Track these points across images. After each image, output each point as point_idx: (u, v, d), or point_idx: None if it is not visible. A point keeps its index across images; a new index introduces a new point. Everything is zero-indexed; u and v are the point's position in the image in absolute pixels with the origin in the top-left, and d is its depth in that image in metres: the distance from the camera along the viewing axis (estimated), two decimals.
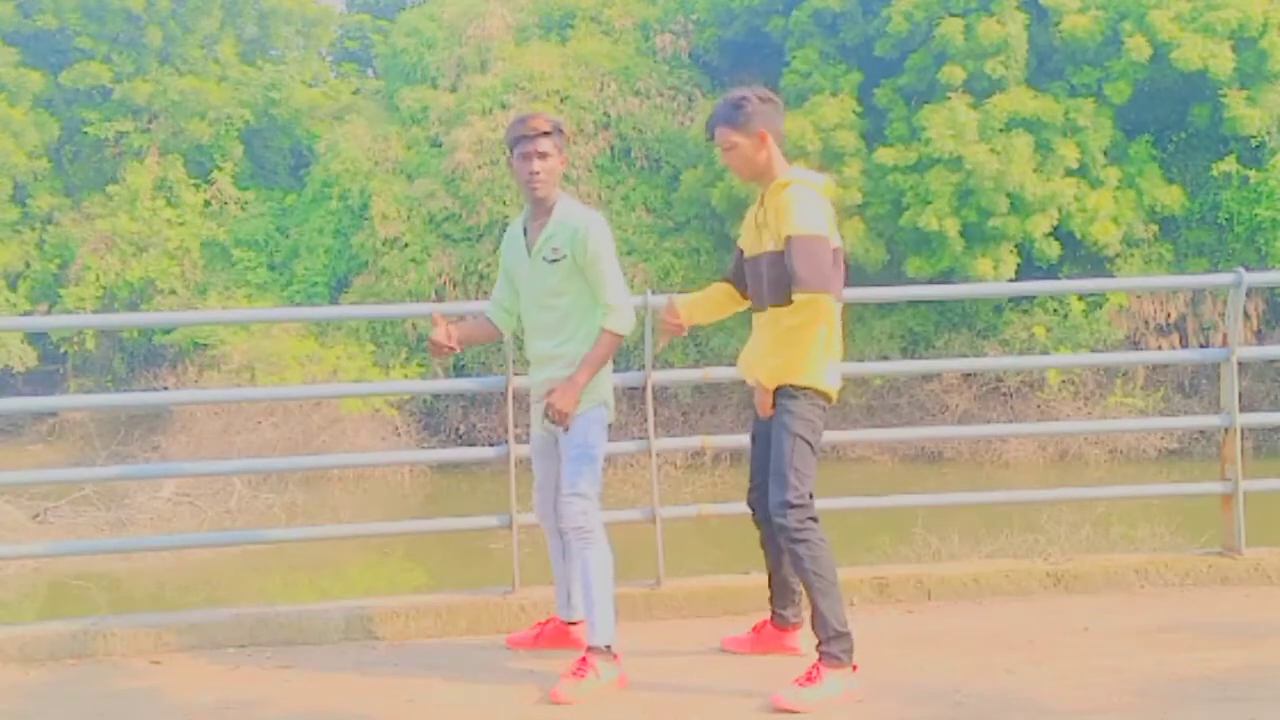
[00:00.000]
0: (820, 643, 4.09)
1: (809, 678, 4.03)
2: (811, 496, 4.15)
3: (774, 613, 4.56)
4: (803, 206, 4.10)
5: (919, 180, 18.50)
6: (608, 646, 4.23)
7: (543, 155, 4.34)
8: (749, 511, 4.56)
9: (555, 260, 4.33)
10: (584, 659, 4.20)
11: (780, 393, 4.22)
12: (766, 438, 4.33)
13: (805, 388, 4.18)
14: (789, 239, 4.07)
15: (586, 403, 4.37)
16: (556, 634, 4.69)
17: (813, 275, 4.00)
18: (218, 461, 10.13)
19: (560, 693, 4.11)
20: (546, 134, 4.36)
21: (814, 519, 4.13)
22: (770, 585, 4.55)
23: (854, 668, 4.10)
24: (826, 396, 4.23)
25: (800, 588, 4.46)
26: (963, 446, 18.16)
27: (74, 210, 26.22)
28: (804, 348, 4.13)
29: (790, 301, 4.08)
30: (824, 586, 4.09)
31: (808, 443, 4.17)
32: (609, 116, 21.83)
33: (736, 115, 4.19)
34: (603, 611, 4.24)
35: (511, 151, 4.42)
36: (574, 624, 4.62)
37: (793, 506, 4.10)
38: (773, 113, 4.24)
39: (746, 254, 4.33)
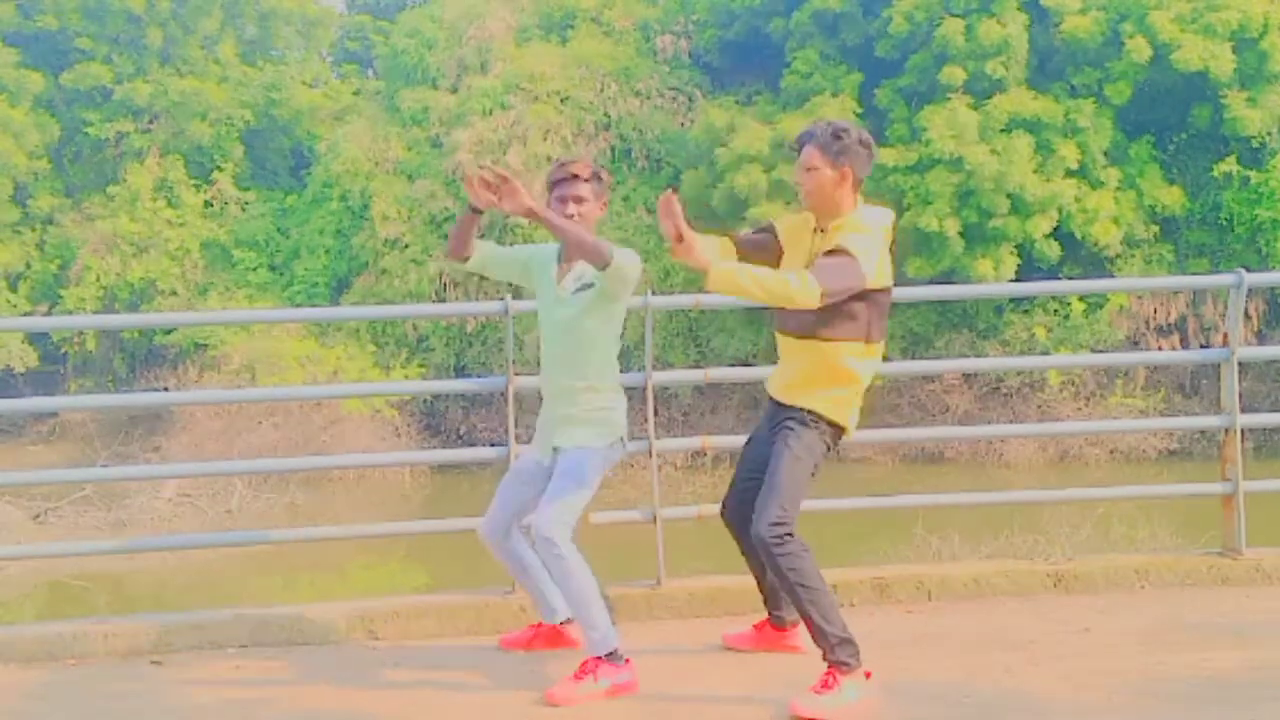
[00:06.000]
0: (826, 652, 4.05)
1: (825, 684, 3.98)
2: (794, 518, 4.12)
3: (770, 614, 4.55)
4: (866, 244, 4.02)
5: (919, 181, 18.50)
6: (610, 653, 4.21)
7: (579, 200, 4.37)
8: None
9: (582, 289, 4.34)
10: (585, 664, 4.19)
11: (796, 414, 4.21)
12: (760, 448, 4.31)
13: (824, 417, 4.20)
14: (838, 247, 3.99)
15: (605, 437, 4.35)
16: (551, 635, 4.69)
17: (830, 282, 3.90)
18: (219, 462, 10.12)
19: (558, 694, 4.11)
20: (586, 180, 4.39)
21: (790, 534, 4.07)
22: (761, 589, 4.53)
23: (867, 674, 4.07)
24: (840, 430, 4.25)
25: None
26: (963, 447, 18.14)
27: (74, 211, 26.23)
28: (839, 388, 4.16)
29: (816, 338, 4.10)
30: (812, 596, 4.03)
31: (807, 467, 4.17)
32: (609, 117, 21.83)
33: (832, 143, 4.11)
34: (596, 622, 4.21)
35: (550, 192, 4.45)
36: (564, 624, 4.62)
37: (773, 524, 4.07)
38: (865, 158, 4.15)
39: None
